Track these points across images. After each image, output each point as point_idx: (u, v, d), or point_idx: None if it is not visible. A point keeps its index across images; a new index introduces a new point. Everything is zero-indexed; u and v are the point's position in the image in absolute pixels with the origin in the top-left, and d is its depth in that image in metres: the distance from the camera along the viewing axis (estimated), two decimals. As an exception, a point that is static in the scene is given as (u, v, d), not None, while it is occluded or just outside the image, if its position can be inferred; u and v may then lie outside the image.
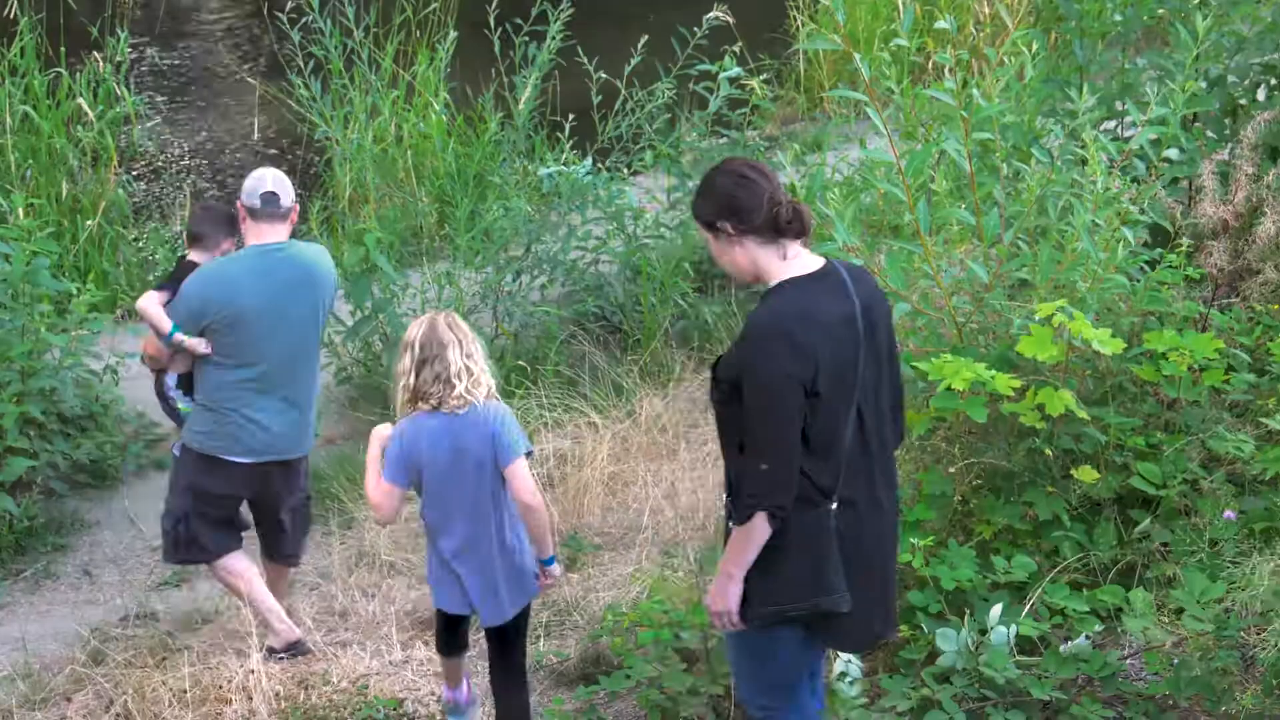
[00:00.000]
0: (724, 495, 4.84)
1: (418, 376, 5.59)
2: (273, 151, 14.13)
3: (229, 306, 6.69)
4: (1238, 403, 6.26)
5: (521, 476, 5.65)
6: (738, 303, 9.85)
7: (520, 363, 9.28)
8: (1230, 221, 6.97)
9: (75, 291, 9.04)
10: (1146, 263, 6.51)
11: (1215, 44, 7.84)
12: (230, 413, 6.84)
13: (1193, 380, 5.96)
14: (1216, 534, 5.63)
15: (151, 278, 10.62)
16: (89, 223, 11.14)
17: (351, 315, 9.51)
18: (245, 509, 7.25)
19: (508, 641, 5.92)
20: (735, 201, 4.64)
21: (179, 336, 6.76)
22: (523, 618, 5.93)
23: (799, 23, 13.55)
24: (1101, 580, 5.68)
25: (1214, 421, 6.04)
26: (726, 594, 4.69)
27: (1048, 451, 5.90)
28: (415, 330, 5.68)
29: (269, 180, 6.86)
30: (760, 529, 4.54)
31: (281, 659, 6.80)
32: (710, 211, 4.72)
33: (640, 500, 8.06)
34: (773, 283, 4.72)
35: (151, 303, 6.95)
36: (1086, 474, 5.83)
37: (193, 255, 7.42)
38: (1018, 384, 5.76)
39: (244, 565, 7.05)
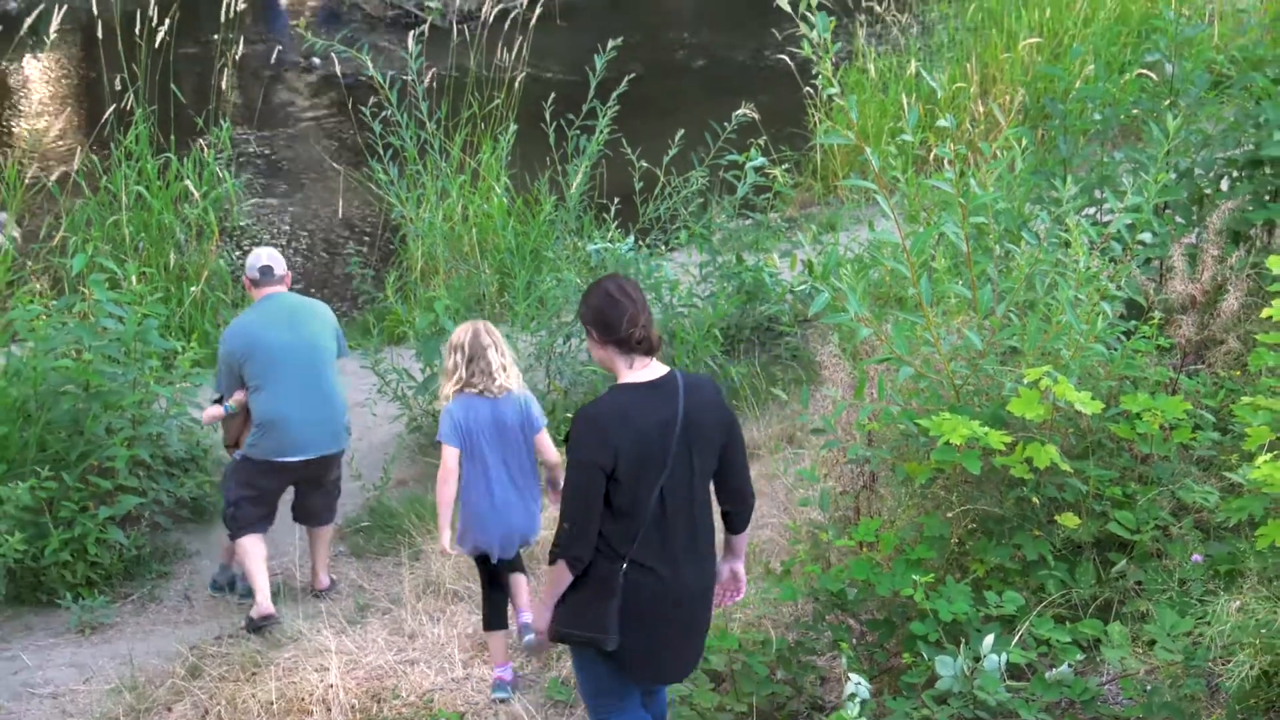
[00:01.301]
0: None
1: (467, 370, 6.56)
2: (354, 228, 14.19)
3: (249, 342, 7.80)
4: (1204, 458, 6.22)
5: (546, 441, 6.84)
6: (761, 365, 9.84)
7: (569, 415, 9.24)
8: (1197, 297, 6.95)
9: (180, 349, 9.07)
10: (1123, 333, 6.48)
11: (1184, 140, 7.83)
12: (279, 419, 7.75)
13: (1164, 438, 5.94)
14: (1185, 575, 5.62)
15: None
16: (193, 289, 11.19)
17: (422, 372, 9.54)
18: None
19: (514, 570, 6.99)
20: (602, 316, 5.11)
21: (231, 405, 7.87)
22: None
23: (816, 119, 13.57)
24: (1082, 614, 5.64)
25: (1183, 474, 6.01)
26: (542, 616, 5.34)
27: (1035, 499, 5.87)
28: (462, 335, 6.63)
29: (264, 257, 8.04)
30: (562, 572, 5.13)
31: (258, 629, 7.67)
32: (585, 317, 5.23)
33: (673, 539, 8.02)
34: (617, 383, 5.19)
35: (208, 415, 8.06)
36: (1069, 520, 5.81)
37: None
38: (1008, 439, 5.74)
39: (254, 544, 7.93)
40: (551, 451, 6.81)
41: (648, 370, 5.16)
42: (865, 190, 6.22)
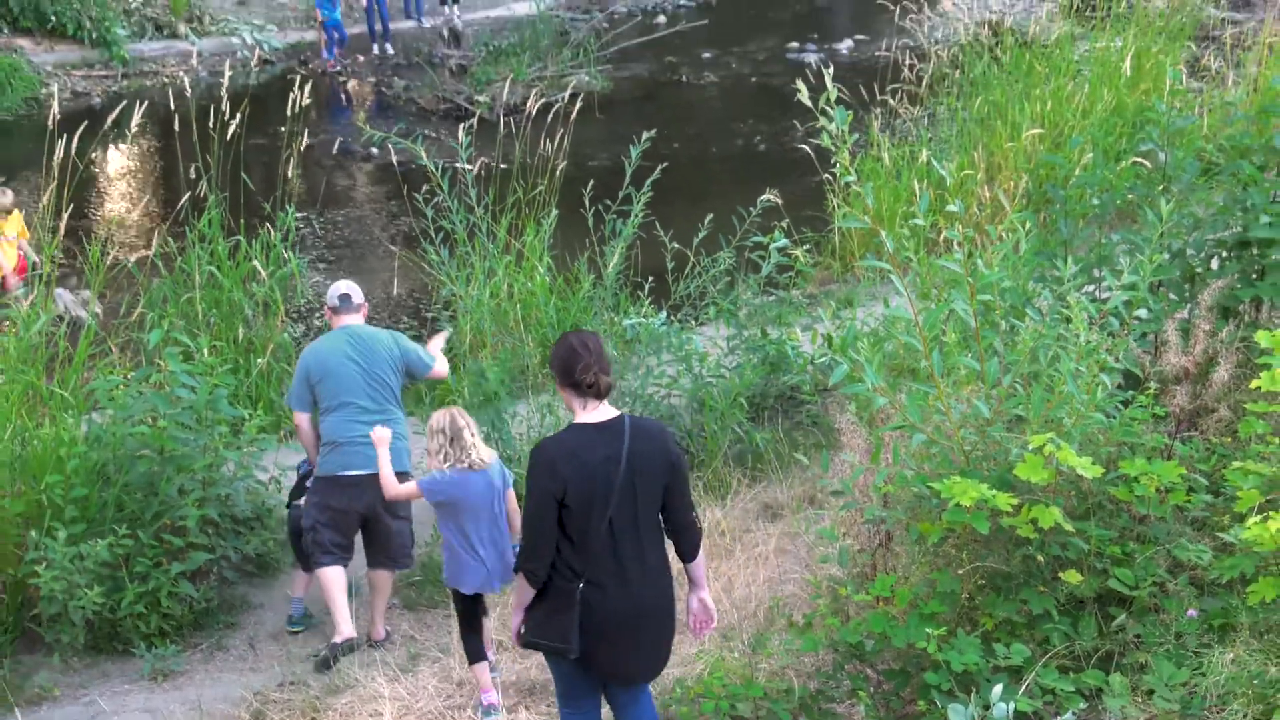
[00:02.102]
0: None
1: (453, 449, 7.09)
2: (408, 304, 14.26)
3: (320, 368, 8.16)
4: (1198, 519, 6.18)
5: (512, 496, 7.38)
6: (784, 431, 9.82)
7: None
8: (1190, 369, 6.92)
9: (247, 417, 9.12)
10: (1121, 403, 6.47)
11: (1176, 223, 7.82)
12: (340, 441, 8.06)
13: (1160, 500, 5.90)
14: (1181, 629, 5.58)
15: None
16: (260, 361, 11.23)
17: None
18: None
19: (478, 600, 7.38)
20: (564, 364, 5.59)
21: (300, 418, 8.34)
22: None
23: (835, 203, 13.59)
24: (1085, 665, 5.60)
25: (1178, 534, 5.97)
26: (512, 622, 5.88)
27: (1040, 558, 5.84)
28: (442, 421, 7.16)
29: (343, 287, 8.50)
30: (522, 582, 5.67)
31: (337, 652, 7.89)
32: (552, 364, 5.75)
33: (703, 592, 8.00)
34: (573, 422, 5.68)
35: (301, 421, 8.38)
36: (1072, 576, 5.78)
37: None
38: (1015, 501, 5.71)
39: (336, 575, 8.12)
40: (515, 502, 7.35)
41: (599, 413, 5.63)
42: (881, 269, 6.22)
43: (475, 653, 7.24)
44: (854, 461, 6.83)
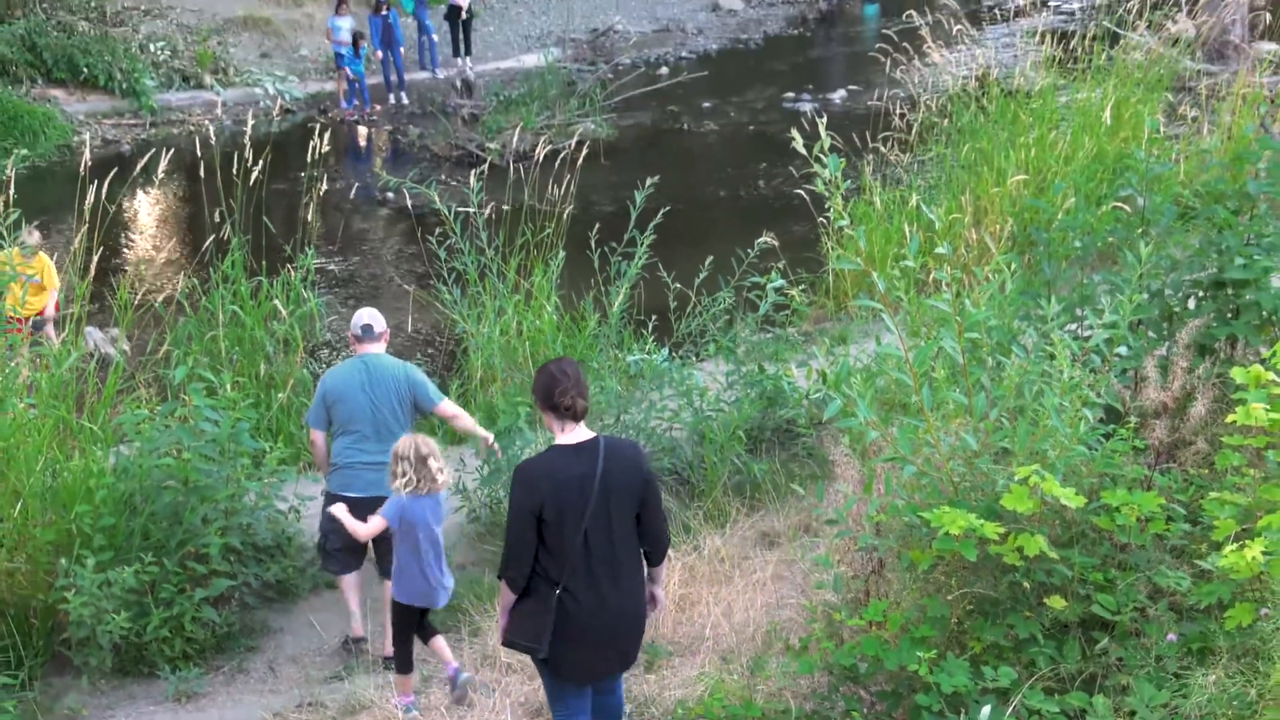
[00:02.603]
0: None
1: (415, 473, 7.19)
2: (422, 341, 14.27)
3: (334, 393, 8.38)
4: (1177, 547, 6.16)
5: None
6: (780, 462, 9.82)
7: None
8: (1169, 404, 6.92)
9: (268, 449, 9.12)
10: (1103, 436, 6.46)
11: (1155, 265, 7.83)
12: (346, 463, 8.30)
13: (1140, 529, 5.90)
14: (1162, 652, 5.56)
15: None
16: (280, 395, 11.24)
17: (479, 471, 9.54)
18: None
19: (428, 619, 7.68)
20: (545, 389, 5.86)
21: (315, 435, 8.57)
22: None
23: (828, 246, 13.62)
24: (1070, 687, 5.58)
25: (1158, 562, 5.96)
26: (499, 623, 6.15)
27: (1025, 584, 5.83)
28: (407, 449, 7.25)
29: (365, 316, 8.61)
30: (504, 588, 5.95)
31: (347, 648, 8.42)
32: (534, 388, 6.03)
33: (704, 617, 8.00)
34: (553, 444, 5.94)
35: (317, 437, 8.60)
36: (1056, 602, 5.77)
37: None
38: (1001, 530, 5.71)
39: (352, 583, 8.52)
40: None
41: (576, 435, 5.89)
42: (873, 308, 6.24)
43: (404, 663, 7.55)
44: (847, 492, 6.83)
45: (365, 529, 7.53)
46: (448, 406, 8.69)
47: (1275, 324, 7.70)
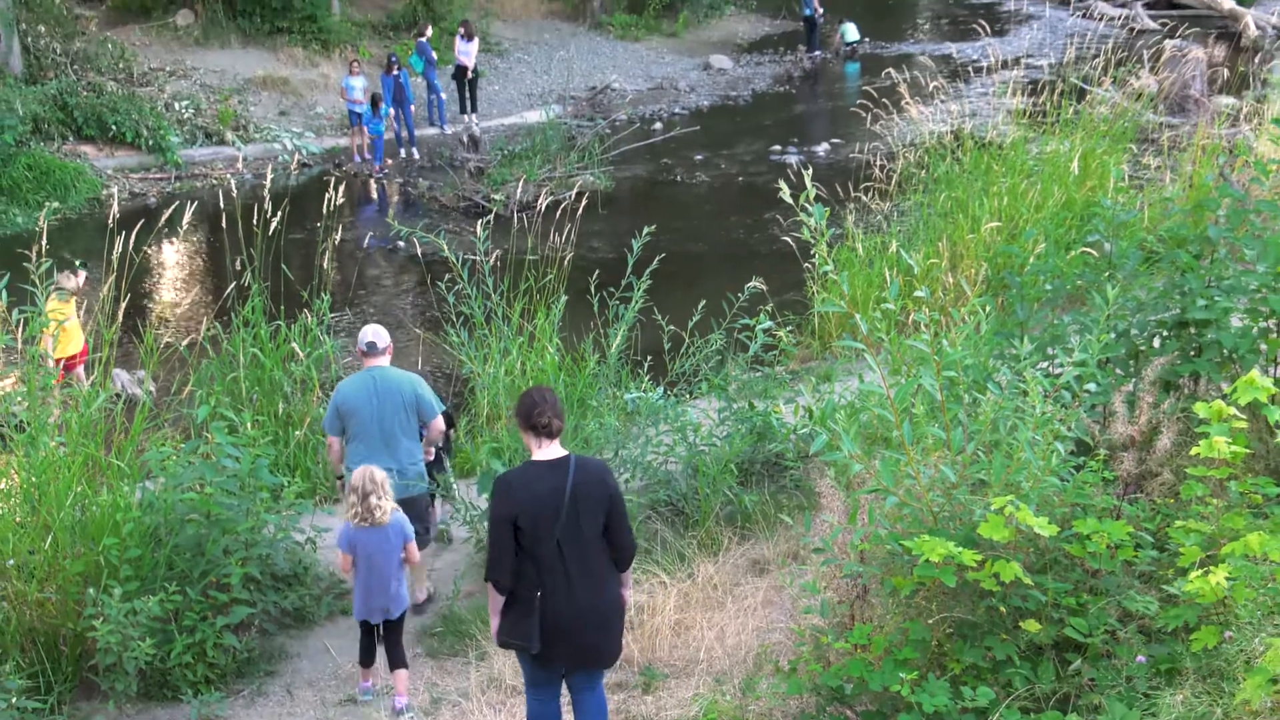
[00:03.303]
0: None
1: (364, 505, 7.66)
2: (430, 381, 14.25)
3: (346, 403, 8.74)
4: (1145, 573, 6.16)
5: (413, 546, 8.04)
6: (770, 494, 9.80)
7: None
8: (1136, 438, 6.92)
9: (286, 484, 9.11)
10: (1074, 468, 6.46)
11: (1121, 306, 7.85)
12: (352, 468, 8.28)
13: (1110, 555, 5.89)
14: (1132, 673, 5.55)
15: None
16: (297, 433, 11.24)
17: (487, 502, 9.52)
18: None
19: (391, 630, 8.02)
20: (526, 411, 6.26)
21: (331, 440, 8.95)
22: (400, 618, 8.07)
23: (814, 289, 13.64)
24: (1044, 707, 5.56)
25: (1127, 587, 5.95)
26: (492, 625, 6.46)
27: (1002, 608, 5.82)
28: (359, 479, 7.72)
29: (370, 334, 8.93)
30: (492, 590, 6.31)
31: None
32: (516, 410, 6.40)
33: (698, 640, 7.98)
34: (529, 460, 6.31)
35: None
36: (1031, 625, 5.75)
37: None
38: (979, 557, 5.70)
39: None
40: (416, 553, 8.18)
41: (550, 452, 6.25)
42: (856, 348, 6.24)
43: (365, 660, 8.13)
44: (833, 521, 6.81)
45: (338, 559, 8.15)
46: (438, 423, 9.08)
47: (1235, 361, 7.71)
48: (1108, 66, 16.91)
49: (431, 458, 9.39)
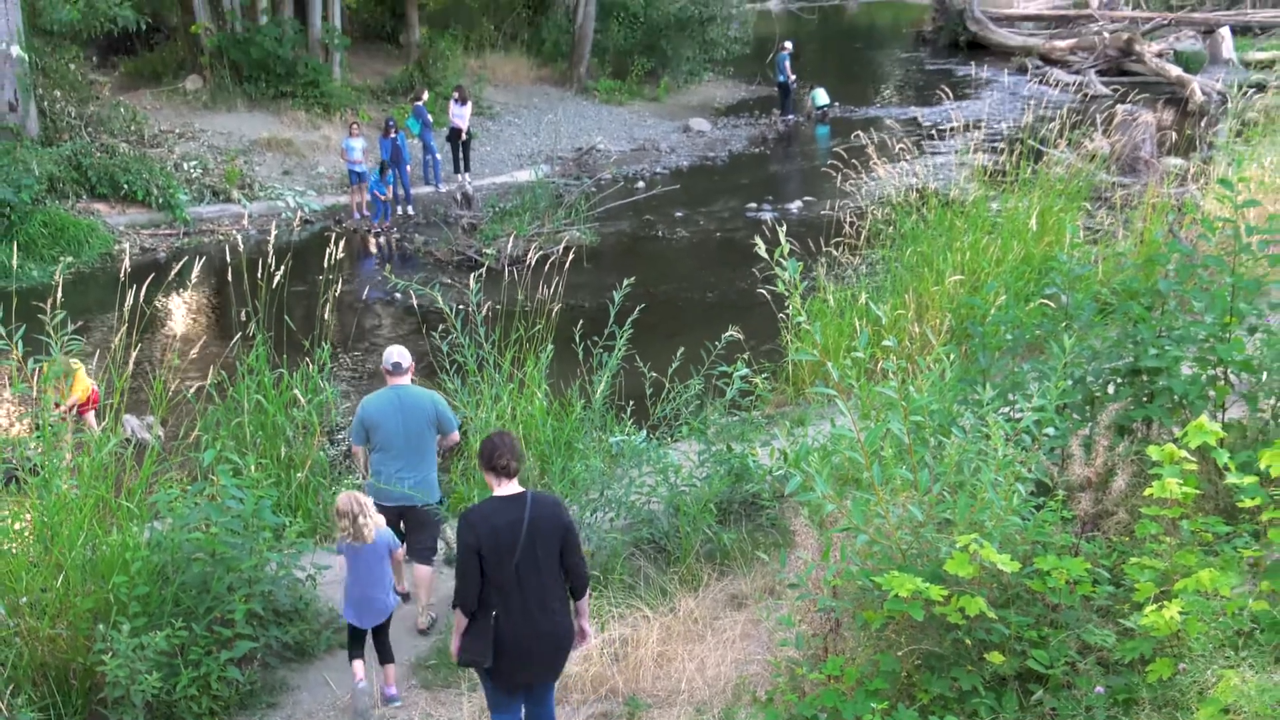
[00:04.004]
0: None
1: (354, 526, 7.98)
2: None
3: (372, 418, 9.15)
4: (1103, 607, 6.17)
5: (398, 555, 8.57)
6: (747, 532, 9.78)
7: (595, 573, 9.20)
8: (1093, 479, 6.94)
9: (288, 523, 9.09)
10: (1034, 507, 6.47)
11: (1078, 354, 7.88)
12: (380, 478, 9.07)
13: (1069, 591, 5.89)
14: (1091, 702, 5.54)
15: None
16: (299, 475, 11.19)
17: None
18: None
19: (379, 631, 8.36)
20: (486, 454, 6.58)
21: (355, 449, 9.48)
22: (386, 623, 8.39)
23: (788, 338, 13.65)
24: (1009, 735, 5.56)
25: (1086, 620, 5.96)
26: (453, 645, 6.75)
27: (967, 641, 5.81)
28: (345, 504, 8.04)
29: (395, 354, 9.38)
30: (458, 613, 6.56)
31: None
32: (480, 454, 6.65)
33: (680, 672, 7.94)
34: (490, 496, 6.59)
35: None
36: (995, 657, 5.75)
37: None
38: (945, 593, 5.70)
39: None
40: (399, 555, 8.70)
41: (509, 489, 6.56)
42: (828, 394, 6.26)
43: (354, 655, 8.36)
44: (807, 558, 6.82)
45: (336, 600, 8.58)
46: (455, 436, 9.51)
47: (1186, 407, 7.74)
48: (1063, 129, 17.04)
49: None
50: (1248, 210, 8.22)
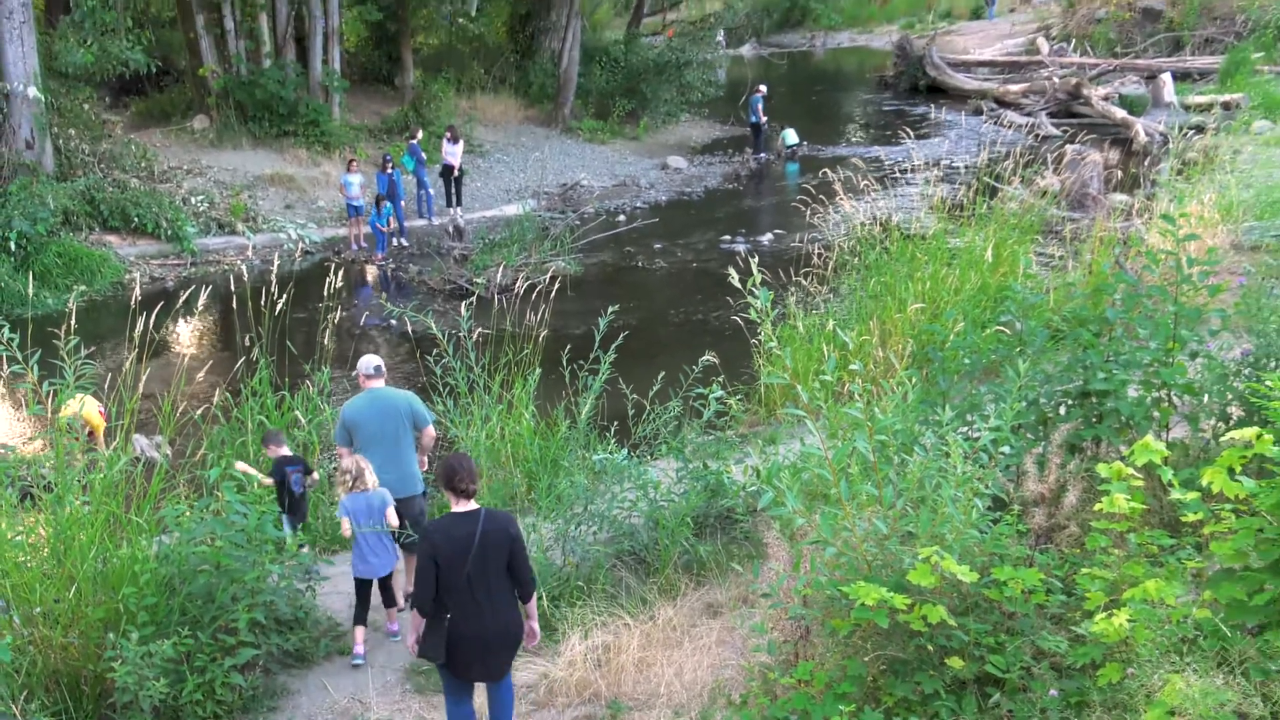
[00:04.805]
0: None
1: (353, 482, 8.78)
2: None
3: (353, 420, 9.36)
4: (1056, 615, 6.16)
5: (392, 508, 9.00)
6: (722, 544, 9.77)
7: (579, 583, 9.18)
8: (1045, 494, 6.95)
9: (289, 537, 9.04)
10: (991, 521, 6.48)
11: (1031, 378, 7.89)
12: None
13: (1024, 599, 5.89)
14: (1045, 705, 5.53)
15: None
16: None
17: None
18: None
19: (384, 582, 9.05)
20: (446, 475, 6.96)
21: (340, 450, 9.46)
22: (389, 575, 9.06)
23: (760, 363, 13.68)
24: (968, 735, 5.54)
25: (1040, 628, 5.95)
26: (408, 641, 7.27)
27: (929, 647, 5.81)
28: (349, 464, 8.87)
29: (370, 360, 9.61)
30: (415, 614, 6.98)
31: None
32: (439, 474, 7.07)
33: (659, 676, 7.91)
34: (449, 511, 6.96)
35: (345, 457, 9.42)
36: (955, 662, 5.74)
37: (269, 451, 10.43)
38: (908, 601, 5.69)
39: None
40: (394, 513, 9.01)
41: (465, 506, 6.92)
42: (798, 415, 6.26)
43: (359, 619, 8.91)
44: (779, 569, 6.80)
45: (345, 529, 8.90)
46: (430, 431, 9.68)
47: (1132, 427, 7.77)
48: (1017, 167, 17.14)
49: (426, 466, 9.82)
50: (1188, 243, 8.28)
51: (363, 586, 8.95)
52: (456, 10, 35.50)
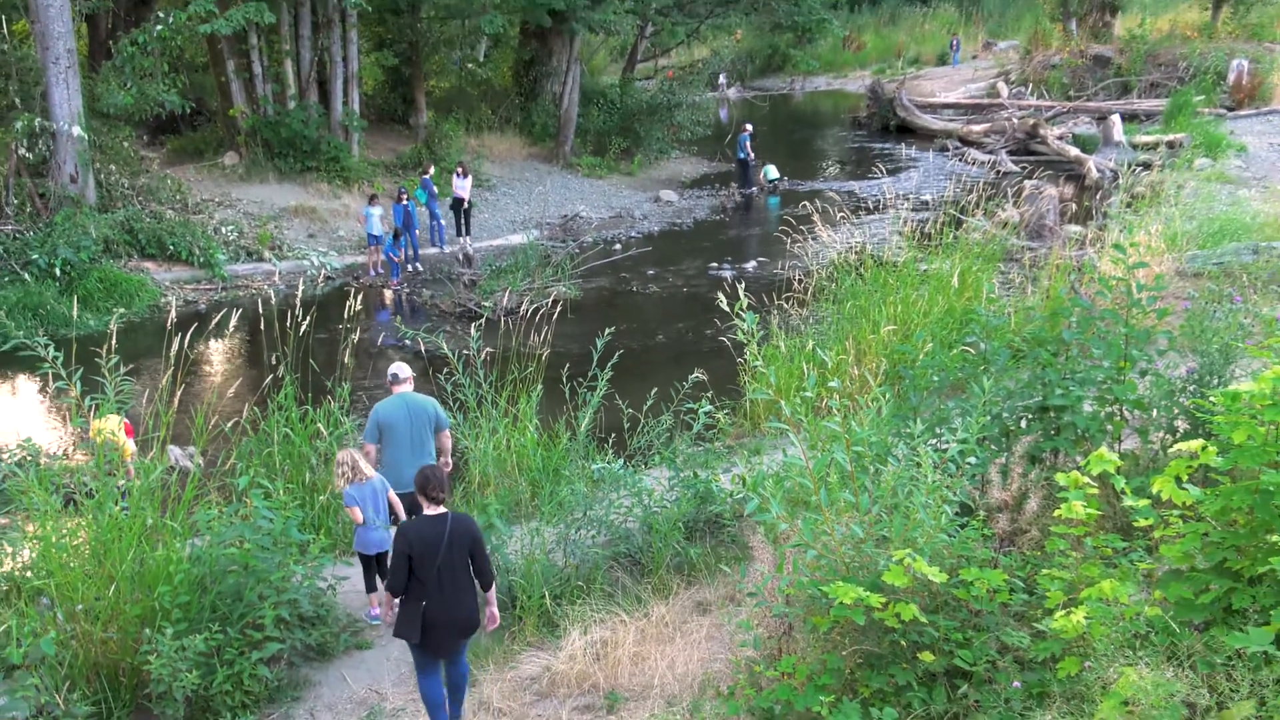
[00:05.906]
0: None
1: (353, 473, 9.05)
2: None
3: (385, 419, 9.67)
4: (1019, 612, 6.16)
5: (391, 491, 9.37)
6: (711, 547, 9.76)
7: (579, 583, 9.16)
8: (1009, 502, 6.96)
9: (311, 540, 9.03)
10: (959, 526, 6.48)
11: (995, 394, 7.91)
12: (392, 469, 9.59)
13: (990, 598, 5.89)
14: (1009, 695, 5.54)
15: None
16: (321, 498, 11.11)
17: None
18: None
19: (381, 559, 9.24)
20: (423, 484, 7.33)
21: (369, 446, 9.70)
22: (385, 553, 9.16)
23: (746, 380, 13.67)
24: (939, 724, 5.53)
25: (1004, 624, 5.95)
26: (385, 615, 8.04)
27: (903, 642, 5.80)
28: (344, 458, 9.14)
29: (398, 367, 9.94)
30: (389, 597, 7.57)
31: None
32: (415, 483, 7.38)
33: (653, 670, 7.89)
34: (421, 514, 7.34)
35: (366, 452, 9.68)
36: (927, 656, 5.74)
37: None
38: (883, 600, 5.69)
39: None
40: (396, 501, 9.35)
41: (435, 510, 7.31)
42: (781, 428, 6.26)
43: (370, 587, 9.36)
44: (764, 570, 6.79)
45: (357, 516, 9.12)
46: (448, 433, 10.00)
47: (1088, 439, 7.78)
48: (980, 200, 17.19)
49: (449, 468, 10.02)
50: (1137, 271, 8.30)
51: (367, 561, 9.33)
52: (466, 56, 35.60)
